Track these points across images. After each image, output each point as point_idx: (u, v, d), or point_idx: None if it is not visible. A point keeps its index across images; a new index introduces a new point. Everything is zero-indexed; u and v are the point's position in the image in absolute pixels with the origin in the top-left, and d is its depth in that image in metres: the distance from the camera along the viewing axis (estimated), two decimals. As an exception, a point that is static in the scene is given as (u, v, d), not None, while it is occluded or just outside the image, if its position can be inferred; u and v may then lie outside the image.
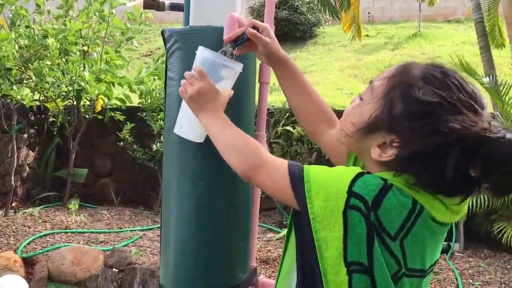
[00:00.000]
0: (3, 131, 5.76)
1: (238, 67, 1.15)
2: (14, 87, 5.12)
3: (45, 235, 4.81)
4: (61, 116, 5.97)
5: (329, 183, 0.85)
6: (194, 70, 1.10)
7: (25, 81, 5.39)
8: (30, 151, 6.45)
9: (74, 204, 5.66)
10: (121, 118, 5.91)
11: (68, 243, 4.65)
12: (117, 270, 4.13)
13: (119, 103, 6.01)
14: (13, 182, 5.45)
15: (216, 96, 1.08)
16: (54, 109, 5.98)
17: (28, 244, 4.58)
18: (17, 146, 5.72)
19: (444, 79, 0.86)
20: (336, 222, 0.82)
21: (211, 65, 1.11)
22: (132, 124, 5.98)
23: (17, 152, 5.69)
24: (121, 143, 6.11)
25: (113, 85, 5.84)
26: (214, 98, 1.08)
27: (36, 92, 5.56)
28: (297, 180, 0.88)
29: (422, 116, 0.84)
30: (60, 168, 6.49)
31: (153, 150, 5.85)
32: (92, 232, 5.06)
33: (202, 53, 1.12)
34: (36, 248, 4.52)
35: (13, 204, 5.59)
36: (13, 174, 5.49)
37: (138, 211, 6.12)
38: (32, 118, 6.36)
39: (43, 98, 5.77)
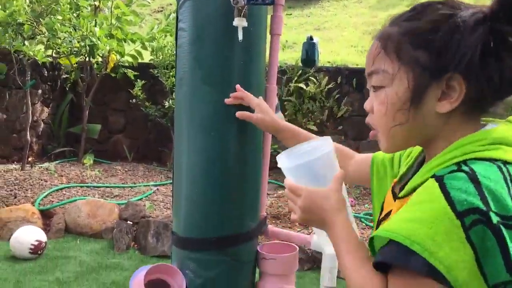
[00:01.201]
0: (17, 87, 5.81)
1: (327, 143, 0.93)
2: (26, 42, 5.12)
3: (61, 189, 4.93)
4: (74, 72, 5.98)
5: (437, 227, 0.70)
6: (286, 189, 0.93)
7: (37, 37, 5.38)
8: (45, 107, 6.53)
9: (88, 159, 5.77)
10: (132, 75, 5.92)
11: (84, 196, 4.77)
12: (131, 223, 4.24)
13: (130, 60, 6.00)
14: (28, 137, 5.55)
15: (325, 201, 0.88)
16: (67, 66, 5.99)
17: (45, 197, 4.70)
18: (31, 102, 5.78)
19: (425, 7, 0.81)
20: (467, 255, 0.69)
21: (298, 170, 0.91)
22: (144, 81, 5.98)
23: (31, 108, 5.75)
24: (134, 100, 6.14)
25: (125, 42, 5.82)
26: (323, 204, 0.88)
27: (48, 48, 5.56)
28: (414, 263, 0.71)
29: (447, 33, 0.76)
30: (74, 124, 6.57)
31: (165, 107, 5.88)
32: (106, 187, 5.17)
33: (283, 164, 0.93)
34: (53, 201, 4.65)
35: (29, 159, 5.70)
36: (28, 129, 5.58)
37: (151, 167, 6.22)
38: (46, 74, 6.39)
39: (56, 54, 5.78)
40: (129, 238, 4.13)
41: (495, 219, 0.69)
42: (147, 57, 6.15)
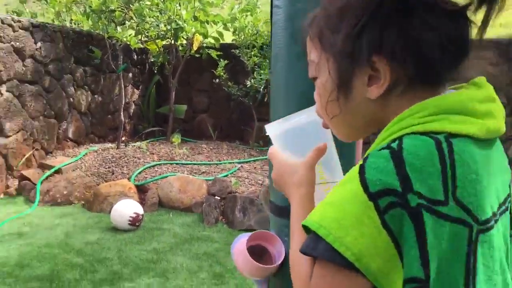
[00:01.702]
0: (111, 71, 6.20)
1: (313, 110, 0.83)
2: (119, 28, 5.43)
3: (153, 166, 5.24)
4: (161, 55, 6.26)
5: (345, 210, 0.62)
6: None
7: (127, 22, 5.69)
8: (135, 89, 6.92)
9: (177, 138, 6.06)
10: (215, 55, 6.07)
11: (174, 173, 5.03)
12: (219, 198, 4.43)
13: (213, 41, 6.17)
14: (122, 118, 5.92)
15: (290, 175, 0.83)
16: (155, 51, 6.27)
17: (139, 173, 5.03)
18: (123, 85, 6.15)
19: None
20: (384, 243, 0.60)
21: (282, 139, 0.88)
22: (226, 61, 6.13)
23: (124, 90, 6.12)
24: (217, 80, 6.32)
25: (207, 23, 5.98)
26: (287, 178, 0.84)
27: (138, 34, 5.85)
28: (326, 252, 0.63)
29: (354, 12, 0.67)
30: (161, 105, 6.91)
31: (247, 86, 5.99)
32: (194, 164, 5.41)
33: (270, 132, 0.89)
34: (146, 177, 4.96)
35: (122, 138, 6.09)
36: (122, 110, 5.95)
37: (234, 145, 6.40)
38: (135, 58, 6.76)
39: (145, 38, 6.07)
40: (217, 213, 4.32)
41: (414, 201, 0.60)
42: (228, 38, 6.29)
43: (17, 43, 5.02)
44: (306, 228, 0.67)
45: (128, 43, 5.55)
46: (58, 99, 5.63)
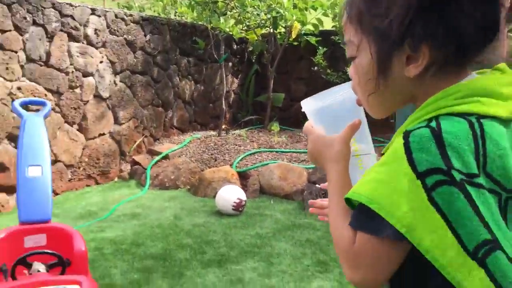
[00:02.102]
0: (213, 61, 6.40)
1: (347, 87, 0.89)
2: (221, 19, 5.58)
3: (254, 153, 5.35)
4: (259, 44, 6.34)
5: (395, 187, 0.69)
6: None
7: (229, 13, 5.82)
8: (234, 78, 7.09)
9: (276, 126, 6.12)
10: (314, 41, 6.01)
11: (275, 160, 5.10)
12: (319, 186, 4.41)
13: (312, 28, 6.12)
14: (224, 106, 6.10)
15: (326, 149, 0.88)
16: (253, 40, 6.37)
17: (240, 160, 5.16)
18: (224, 74, 6.33)
19: None
20: (433, 218, 0.66)
21: (318, 114, 0.92)
22: (325, 48, 6.06)
23: (224, 80, 6.30)
24: (315, 68, 6.27)
25: (306, 10, 5.94)
26: (324, 152, 0.89)
27: (238, 23, 5.97)
28: (380, 226, 0.70)
29: (399, 5, 0.72)
30: (259, 94, 7.02)
31: (346, 73, 5.87)
32: (293, 152, 5.44)
33: (305, 107, 0.94)
34: (247, 164, 5.08)
35: (223, 126, 6.28)
36: (223, 99, 6.13)
37: (332, 133, 6.33)
38: (235, 47, 6.91)
39: (245, 28, 6.18)
40: (318, 200, 4.31)
41: (458, 177, 0.66)
42: (327, 24, 6.20)
43: (129, 36, 5.36)
44: (349, 201, 0.75)
45: (231, 33, 5.68)
46: (165, 89, 5.93)
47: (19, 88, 4.26)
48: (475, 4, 0.71)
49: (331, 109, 0.91)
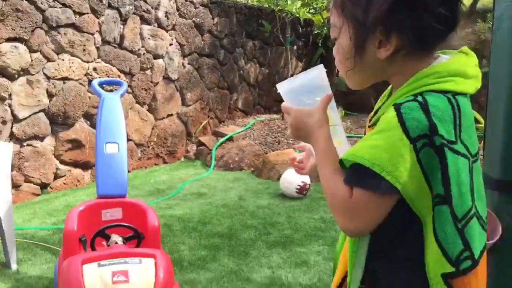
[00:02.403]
0: (278, 44, 6.38)
1: (319, 70, 1.01)
2: (288, 1, 5.53)
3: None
4: (325, 27, 6.24)
5: (393, 151, 0.84)
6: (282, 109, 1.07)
7: (296, -5, 5.76)
8: (299, 62, 7.04)
9: (341, 111, 6.04)
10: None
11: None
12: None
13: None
14: (287, 90, 6.08)
15: (306, 121, 0.99)
16: (319, 22, 6.28)
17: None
18: (289, 57, 6.29)
19: None
20: (418, 174, 0.84)
21: (292, 93, 1.02)
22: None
23: (289, 63, 6.26)
24: (383, 52, 6.10)
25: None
26: (307, 121, 0.98)
27: (305, 6, 5.90)
28: (376, 181, 0.85)
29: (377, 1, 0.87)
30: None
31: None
32: (358, 137, 5.35)
33: (281, 90, 1.04)
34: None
35: (287, 110, 6.27)
36: (287, 82, 6.11)
37: (399, 119, 6.16)
38: (300, 31, 6.85)
39: (312, 10, 6.10)
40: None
41: (438, 141, 0.83)
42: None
43: (197, 19, 5.44)
44: (342, 162, 0.90)
45: (297, 15, 5.63)
46: (231, 72, 5.99)
47: (94, 69, 4.46)
48: (439, 3, 0.86)
49: (303, 88, 1.01)
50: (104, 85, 3.51)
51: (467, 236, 0.87)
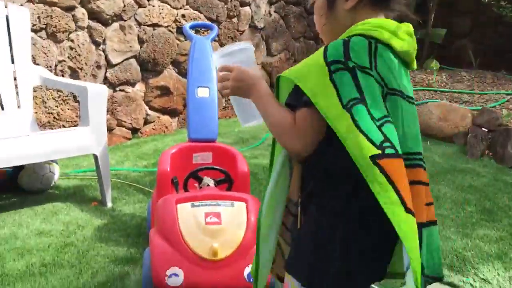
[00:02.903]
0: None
1: (249, 45, 1.25)
2: None
3: (409, 91, 5.01)
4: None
5: (311, 71, 1.04)
6: (219, 71, 1.21)
7: None
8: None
9: (436, 64, 5.63)
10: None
11: (434, 99, 4.72)
12: (486, 130, 3.99)
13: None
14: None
15: (249, 74, 1.17)
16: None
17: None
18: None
19: None
20: (330, 91, 1.00)
21: (226, 59, 1.22)
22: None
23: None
24: (486, 0, 5.55)
25: None
26: (252, 73, 1.18)
27: None
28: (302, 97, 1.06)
29: None
30: (417, 29, 6.46)
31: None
32: (454, 92, 4.98)
33: (216, 56, 1.24)
34: (402, 102, 4.78)
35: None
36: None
37: (499, 74, 5.65)
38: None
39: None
40: (483, 146, 3.91)
41: (351, 64, 1.02)
42: None
43: (286, -35, 5.22)
44: (278, 80, 1.13)
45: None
46: (318, 21, 5.76)
47: (183, 16, 4.44)
48: None
49: (236, 57, 1.22)
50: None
51: (386, 132, 0.98)
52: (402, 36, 1.08)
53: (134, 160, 3.81)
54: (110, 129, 4.12)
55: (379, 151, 0.95)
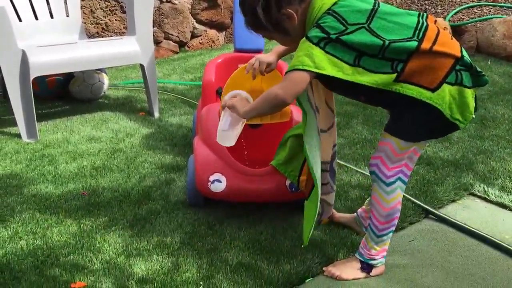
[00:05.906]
0: None
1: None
2: None
3: (472, 7, 4.63)
4: None
5: (307, 55, 1.43)
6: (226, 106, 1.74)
7: None
8: None
9: None
10: None
11: (500, 15, 4.35)
12: None
13: None
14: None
15: (241, 102, 1.71)
16: None
17: (455, 13, 4.53)
18: None
19: None
20: (329, 59, 1.42)
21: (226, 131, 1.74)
22: None
23: None
24: None
25: None
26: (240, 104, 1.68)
27: None
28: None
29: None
30: None
31: None
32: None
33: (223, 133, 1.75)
34: (463, 18, 4.45)
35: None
36: None
37: None
38: None
39: None
40: (551, 66, 3.62)
41: (334, 36, 1.40)
42: None
43: None
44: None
45: None
46: None
47: None
48: None
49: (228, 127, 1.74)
50: None
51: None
52: None
53: (181, 74, 3.81)
54: (157, 42, 4.10)
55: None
